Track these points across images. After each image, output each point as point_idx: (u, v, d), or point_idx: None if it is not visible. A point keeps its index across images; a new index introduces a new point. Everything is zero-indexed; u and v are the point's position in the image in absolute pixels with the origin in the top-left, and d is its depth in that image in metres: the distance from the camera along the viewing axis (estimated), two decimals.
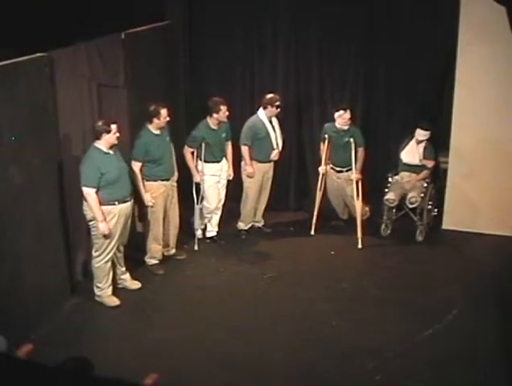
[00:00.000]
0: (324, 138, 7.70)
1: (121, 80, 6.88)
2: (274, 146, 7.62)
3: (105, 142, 6.05)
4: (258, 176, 7.66)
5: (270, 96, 7.52)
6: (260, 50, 8.26)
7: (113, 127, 6.05)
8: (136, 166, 6.65)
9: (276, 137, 7.62)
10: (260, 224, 8.06)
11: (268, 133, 7.55)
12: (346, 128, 7.56)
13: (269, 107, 7.48)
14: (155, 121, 6.67)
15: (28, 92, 5.60)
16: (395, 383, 5.37)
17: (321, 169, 7.78)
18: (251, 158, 7.57)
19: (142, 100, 7.18)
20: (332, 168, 7.82)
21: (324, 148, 7.74)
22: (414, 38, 7.69)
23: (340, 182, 7.80)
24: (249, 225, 7.94)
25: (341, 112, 7.48)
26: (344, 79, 8.12)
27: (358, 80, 8.07)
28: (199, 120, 7.36)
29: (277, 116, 7.63)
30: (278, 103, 7.49)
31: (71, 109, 6.18)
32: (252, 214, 7.90)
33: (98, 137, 6.05)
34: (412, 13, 7.63)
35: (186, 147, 7.34)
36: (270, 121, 7.58)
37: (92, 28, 6.25)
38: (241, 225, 7.89)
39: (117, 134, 6.09)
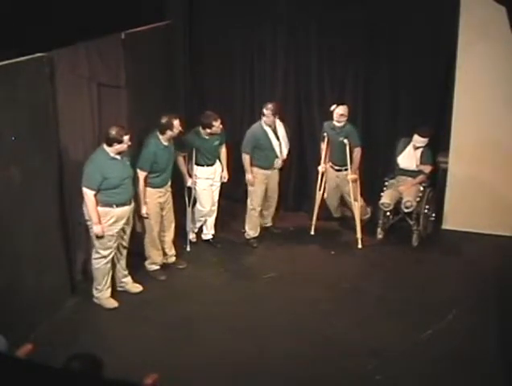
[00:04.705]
0: (324, 137, 7.70)
1: (121, 80, 6.88)
2: (278, 154, 7.51)
3: (113, 150, 6.04)
4: (260, 183, 7.54)
5: (265, 104, 7.37)
6: (260, 50, 8.26)
7: (126, 138, 6.04)
8: (142, 175, 6.56)
9: (280, 145, 7.48)
10: (268, 224, 7.97)
11: (270, 142, 7.42)
12: (340, 125, 7.51)
13: (261, 115, 7.35)
14: (169, 132, 6.60)
15: (28, 92, 5.59)
16: (395, 383, 5.37)
17: (321, 168, 7.78)
18: (252, 164, 7.45)
19: (142, 100, 7.19)
20: (331, 166, 7.81)
21: (323, 147, 7.73)
22: (414, 38, 7.67)
23: (339, 181, 7.79)
24: (258, 232, 7.77)
25: (334, 106, 7.47)
26: (345, 79, 8.10)
27: (358, 80, 8.05)
28: (198, 120, 7.30)
29: (282, 122, 7.49)
30: (266, 109, 7.25)
31: (71, 109, 6.17)
32: (258, 221, 7.75)
33: (109, 144, 6.03)
34: (412, 13, 7.61)
35: (177, 152, 7.19)
36: (275, 130, 7.45)
37: (92, 28, 6.25)
38: (251, 233, 7.73)
39: (129, 143, 6.08)
